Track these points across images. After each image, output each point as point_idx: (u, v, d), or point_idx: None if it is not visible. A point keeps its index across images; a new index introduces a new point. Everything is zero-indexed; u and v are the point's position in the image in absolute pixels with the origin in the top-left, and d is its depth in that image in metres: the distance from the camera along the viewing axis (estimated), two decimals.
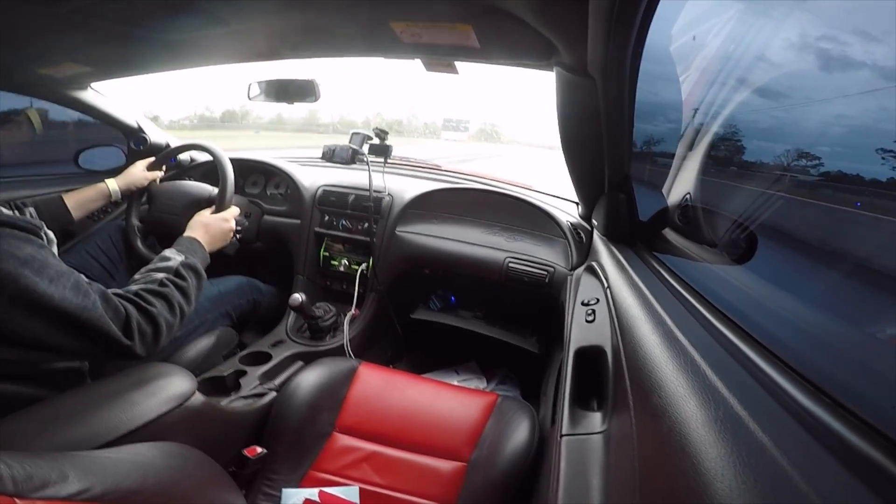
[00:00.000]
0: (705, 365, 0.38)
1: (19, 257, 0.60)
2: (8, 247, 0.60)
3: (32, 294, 0.60)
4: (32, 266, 0.61)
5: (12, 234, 0.61)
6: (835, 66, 0.47)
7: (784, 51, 0.58)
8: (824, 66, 0.48)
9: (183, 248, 0.89)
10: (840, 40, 0.46)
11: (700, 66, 0.77)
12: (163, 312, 0.75)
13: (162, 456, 0.56)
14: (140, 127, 1.55)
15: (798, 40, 0.54)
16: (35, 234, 0.66)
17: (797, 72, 0.55)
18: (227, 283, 1.21)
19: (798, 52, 0.54)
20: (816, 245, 0.54)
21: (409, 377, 1.09)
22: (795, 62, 0.55)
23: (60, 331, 0.63)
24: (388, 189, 1.38)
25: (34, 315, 0.60)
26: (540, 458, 0.84)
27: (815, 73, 0.50)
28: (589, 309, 0.78)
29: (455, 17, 0.79)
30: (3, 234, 0.61)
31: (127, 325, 0.69)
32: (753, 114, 0.65)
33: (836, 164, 0.48)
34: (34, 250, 0.62)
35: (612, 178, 0.92)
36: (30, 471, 0.35)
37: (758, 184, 0.63)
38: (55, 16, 0.84)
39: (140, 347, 0.71)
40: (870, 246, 0.43)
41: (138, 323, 0.71)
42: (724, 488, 0.26)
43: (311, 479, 0.86)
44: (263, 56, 1.15)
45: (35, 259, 0.61)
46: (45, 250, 0.65)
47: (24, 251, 0.61)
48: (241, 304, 1.21)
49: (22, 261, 0.60)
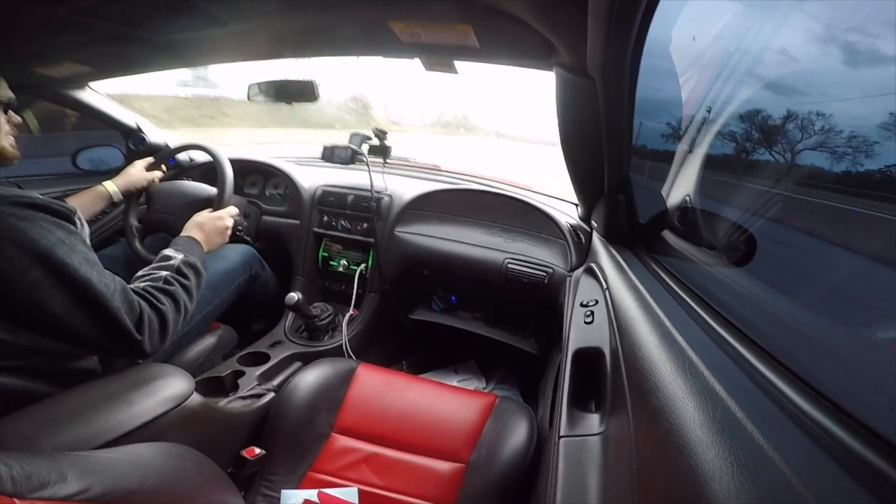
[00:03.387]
0: (703, 367, 0.38)
1: (50, 240, 0.63)
2: (39, 229, 0.63)
3: (67, 267, 0.64)
4: (64, 247, 0.64)
5: (45, 219, 0.65)
6: (839, 63, 0.46)
7: (784, 49, 0.58)
8: (828, 63, 0.48)
9: (181, 247, 0.89)
10: (841, 37, 0.46)
11: (700, 66, 0.77)
12: (171, 311, 0.76)
13: (161, 456, 0.56)
14: (139, 127, 1.55)
15: (798, 37, 0.55)
16: (69, 219, 0.69)
17: (797, 71, 0.55)
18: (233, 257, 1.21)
19: (798, 50, 0.54)
20: (815, 247, 0.54)
21: (408, 378, 1.09)
22: (796, 61, 0.56)
23: (83, 311, 0.66)
24: (387, 189, 1.38)
25: (64, 287, 0.64)
26: (538, 460, 0.84)
27: (817, 71, 0.50)
28: (588, 310, 0.78)
29: (455, 18, 0.79)
30: (37, 217, 0.64)
31: (139, 321, 0.71)
32: (753, 113, 0.66)
33: (837, 163, 0.48)
34: (65, 235, 0.66)
35: (611, 179, 0.92)
36: (29, 471, 0.35)
37: (756, 185, 0.63)
38: (54, 15, 0.84)
39: (148, 344, 0.72)
40: (869, 248, 0.43)
41: (149, 319, 0.72)
42: (721, 490, 0.26)
43: (310, 480, 0.86)
44: (263, 56, 1.15)
45: (65, 243, 0.65)
46: (76, 236, 0.68)
47: (56, 234, 0.65)
48: (243, 282, 1.21)
49: (54, 242, 0.64)
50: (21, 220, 0.62)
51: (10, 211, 0.61)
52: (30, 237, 0.62)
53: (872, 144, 0.42)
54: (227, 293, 1.14)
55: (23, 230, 0.61)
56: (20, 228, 0.61)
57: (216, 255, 1.15)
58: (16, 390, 0.67)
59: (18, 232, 0.61)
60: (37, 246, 0.62)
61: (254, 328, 1.37)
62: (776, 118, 0.57)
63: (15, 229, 0.61)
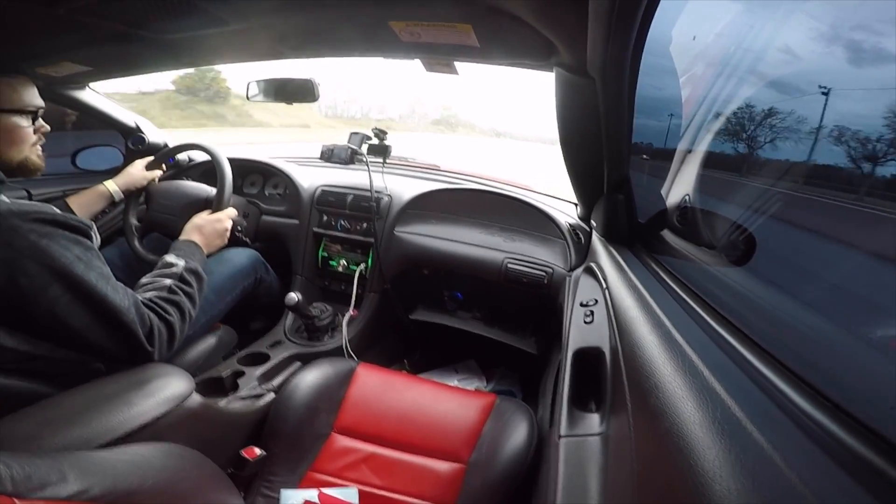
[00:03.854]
0: (703, 366, 0.38)
1: (69, 257, 0.65)
2: (58, 246, 0.64)
3: (85, 284, 0.65)
4: (81, 264, 0.66)
5: (64, 235, 0.66)
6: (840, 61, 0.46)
7: (784, 48, 0.58)
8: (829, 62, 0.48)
9: (181, 252, 0.90)
10: (842, 35, 0.46)
11: (700, 65, 0.77)
12: (177, 321, 0.78)
13: (160, 456, 0.56)
14: (138, 126, 1.55)
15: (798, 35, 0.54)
16: (86, 234, 0.70)
17: (797, 69, 0.55)
18: (238, 262, 1.21)
19: (798, 47, 0.54)
20: (814, 245, 0.54)
21: (408, 378, 1.09)
22: (796, 58, 0.56)
23: (100, 325, 0.67)
24: (387, 189, 1.38)
25: (82, 303, 0.65)
26: (538, 460, 0.84)
27: (816, 69, 0.50)
28: (587, 310, 0.78)
29: (455, 17, 0.79)
30: (57, 234, 0.65)
31: (150, 333, 0.73)
32: (752, 112, 0.65)
33: (837, 161, 0.48)
34: (82, 251, 0.67)
35: (611, 178, 0.92)
36: (29, 471, 0.35)
37: (755, 183, 0.63)
38: (54, 15, 0.84)
39: (158, 354, 0.74)
40: (868, 246, 0.43)
41: (159, 331, 0.74)
42: (721, 490, 0.26)
43: (310, 481, 0.86)
44: (263, 56, 1.15)
45: (82, 259, 0.66)
46: (93, 252, 0.70)
47: (74, 252, 0.66)
48: (248, 286, 1.21)
49: (72, 259, 0.65)
50: (42, 237, 0.63)
51: (31, 227, 0.63)
52: (50, 254, 0.63)
53: (872, 141, 0.42)
54: (231, 297, 1.15)
55: (45, 248, 0.63)
56: (42, 246, 0.62)
57: (222, 259, 1.16)
58: (22, 391, 0.67)
59: (40, 249, 0.62)
60: (57, 263, 0.63)
61: (252, 327, 1.37)
62: (776, 116, 0.57)
63: (37, 247, 0.62)
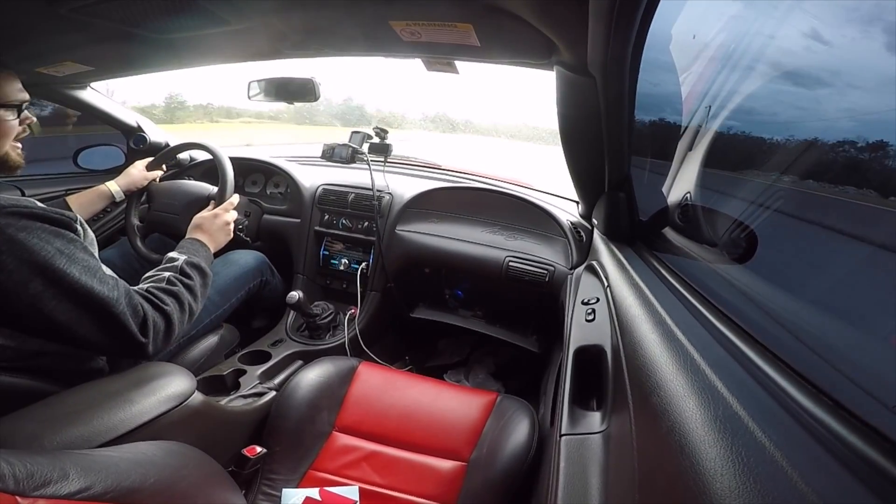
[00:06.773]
0: (705, 364, 0.38)
1: (49, 251, 0.63)
2: (37, 240, 0.62)
3: (67, 278, 0.63)
4: (63, 258, 0.64)
5: (43, 228, 0.64)
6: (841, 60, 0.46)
7: (784, 46, 0.57)
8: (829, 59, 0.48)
9: (184, 249, 0.90)
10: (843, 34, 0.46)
11: (700, 63, 0.77)
12: (175, 311, 0.76)
13: (162, 455, 0.56)
14: (139, 126, 1.55)
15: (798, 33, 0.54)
16: (68, 227, 0.68)
17: (796, 67, 0.55)
18: (244, 263, 1.22)
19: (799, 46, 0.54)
20: (817, 242, 0.54)
21: (409, 376, 1.09)
22: (796, 58, 0.55)
23: (87, 318, 0.65)
24: (388, 188, 1.38)
25: (65, 297, 0.63)
26: (539, 458, 0.84)
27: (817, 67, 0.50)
28: (589, 308, 0.78)
29: (456, 16, 0.79)
30: (35, 227, 0.63)
31: (144, 324, 0.71)
32: (753, 111, 0.65)
33: (837, 160, 0.48)
34: (63, 244, 0.65)
35: (612, 176, 0.92)
36: (31, 469, 0.35)
37: (757, 180, 0.63)
38: (55, 15, 0.84)
39: (152, 346, 0.72)
40: (870, 243, 0.43)
41: (154, 321, 0.72)
42: (723, 488, 0.26)
43: (311, 479, 0.86)
44: (264, 55, 1.15)
45: (63, 252, 0.64)
46: (76, 244, 0.67)
47: (54, 245, 0.64)
48: (253, 287, 1.22)
49: (52, 253, 0.63)
50: (19, 230, 0.61)
51: (7, 221, 0.60)
52: (28, 249, 0.61)
53: (871, 139, 0.41)
54: (236, 298, 1.15)
55: (21, 242, 0.60)
56: (19, 240, 0.60)
57: (228, 261, 1.17)
58: (23, 390, 0.67)
59: (17, 243, 0.60)
60: (35, 257, 0.61)
61: (254, 325, 1.37)
62: (777, 114, 0.57)
63: (14, 241, 0.60)
